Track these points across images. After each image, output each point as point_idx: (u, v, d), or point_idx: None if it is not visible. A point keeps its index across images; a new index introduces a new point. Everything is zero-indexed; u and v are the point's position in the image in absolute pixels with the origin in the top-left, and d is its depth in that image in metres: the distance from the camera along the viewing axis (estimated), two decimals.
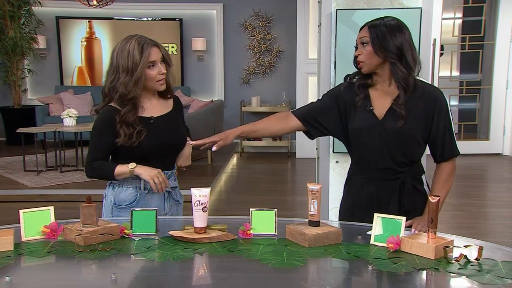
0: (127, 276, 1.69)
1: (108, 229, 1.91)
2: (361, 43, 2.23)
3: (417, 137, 2.25)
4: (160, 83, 2.34)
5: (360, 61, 2.23)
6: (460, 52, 8.94)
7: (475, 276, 1.67)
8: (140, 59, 2.25)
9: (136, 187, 2.41)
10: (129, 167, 2.30)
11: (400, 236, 1.91)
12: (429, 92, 2.24)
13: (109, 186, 2.47)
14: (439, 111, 2.23)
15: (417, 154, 2.30)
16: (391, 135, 2.23)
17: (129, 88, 2.27)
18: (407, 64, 2.19)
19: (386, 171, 2.28)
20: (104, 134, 2.33)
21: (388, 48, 2.16)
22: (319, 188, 2.01)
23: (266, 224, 2.06)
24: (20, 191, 5.93)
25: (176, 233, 1.99)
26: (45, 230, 1.91)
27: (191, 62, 9.14)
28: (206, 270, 1.80)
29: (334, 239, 1.98)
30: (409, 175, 2.28)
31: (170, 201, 2.51)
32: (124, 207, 2.40)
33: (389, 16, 2.27)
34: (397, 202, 2.28)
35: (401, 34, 2.19)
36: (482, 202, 5.89)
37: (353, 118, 2.31)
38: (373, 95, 2.29)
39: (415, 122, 2.22)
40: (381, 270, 1.72)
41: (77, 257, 1.78)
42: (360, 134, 2.30)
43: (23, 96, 9.20)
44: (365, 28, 2.23)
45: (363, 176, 2.36)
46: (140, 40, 2.30)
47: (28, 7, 8.75)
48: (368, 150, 2.29)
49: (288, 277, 1.68)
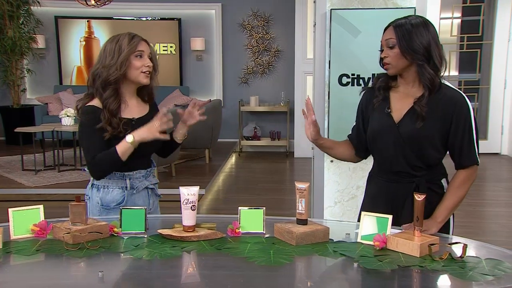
0: (114, 274, 1.71)
1: (97, 228, 1.93)
2: (387, 45, 2.18)
3: (434, 141, 2.18)
4: (145, 75, 2.35)
5: (387, 63, 2.19)
6: (459, 52, 8.95)
7: (458, 273, 1.69)
8: (127, 44, 2.30)
9: (122, 187, 2.42)
10: (128, 141, 2.28)
11: (387, 234, 1.92)
12: (450, 96, 2.16)
13: (91, 187, 2.45)
14: (458, 116, 2.14)
15: (434, 159, 2.22)
16: (406, 139, 2.19)
17: (111, 71, 2.30)
18: (434, 64, 2.13)
19: (401, 174, 2.25)
20: (95, 131, 2.32)
21: (415, 49, 2.11)
22: (306, 187, 2.03)
23: (254, 222, 2.08)
24: (17, 190, 5.95)
25: (165, 231, 2.00)
26: (34, 229, 1.92)
27: (189, 61, 9.16)
28: (192, 268, 1.81)
29: (321, 237, 1.99)
30: (425, 179, 2.22)
31: (153, 197, 2.57)
32: (112, 208, 2.40)
33: (413, 15, 2.23)
34: (411, 205, 2.25)
35: (427, 32, 2.13)
36: (479, 201, 5.89)
37: (371, 120, 2.31)
38: (393, 97, 2.26)
39: (432, 125, 2.16)
40: (366, 267, 1.74)
41: (65, 255, 1.79)
42: (376, 137, 2.28)
43: (22, 96, 9.23)
44: (390, 28, 2.17)
45: (380, 177, 2.34)
46: (131, 33, 2.37)
47: (27, 7, 8.78)
48: (384, 153, 2.27)
49: (273, 275, 1.70)
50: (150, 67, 2.36)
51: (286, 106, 8.57)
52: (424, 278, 1.71)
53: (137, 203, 2.42)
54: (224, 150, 8.33)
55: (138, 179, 2.46)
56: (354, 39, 3.61)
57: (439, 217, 2.16)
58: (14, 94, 8.99)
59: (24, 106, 9.05)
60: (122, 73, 2.32)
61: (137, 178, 2.45)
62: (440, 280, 1.70)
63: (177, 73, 9.12)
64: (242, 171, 7.74)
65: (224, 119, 8.75)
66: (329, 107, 3.69)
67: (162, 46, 9.11)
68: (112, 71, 2.30)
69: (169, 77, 9.09)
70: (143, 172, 2.47)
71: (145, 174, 2.49)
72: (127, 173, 2.41)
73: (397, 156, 2.23)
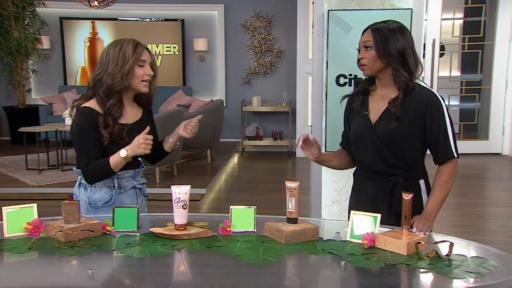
0: (104, 272, 1.74)
1: (89, 226, 1.96)
2: (364, 46, 2.26)
3: (411, 140, 2.26)
4: (145, 84, 2.40)
5: (363, 64, 2.28)
6: (461, 53, 8.95)
7: (443, 271, 1.72)
8: (132, 54, 2.33)
9: (109, 186, 2.46)
10: (122, 156, 2.32)
11: (375, 233, 1.95)
12: (422, 95, 2.25)
13: (79, 186, 2.49)
14: (431, 113, 2.23)
15: (411, 157, 2.30)
16: (382, 139, 2.27)
17: (116, 80, 2.32)
18: (409, 68, 2.22)
19: (380, 173, 2.33)
20: (91, 137, 2.35)
21: (391, 53, 2.20)
22: (296, 186, 2.07)
23: (245, 221, 2.11)
24: (21, 189, 6.01)
25: (156, 229, 2.04)
26: (28, 227, 1.96)
27: (192, 62, 9.20)
28: (181, 266, 1.85)
29: (311, 235, 2.02)
30: (402, 178, 2.29)
31: (141, 197, 2.60)
32: (100, 207, 2.44)
33: (391, 20, 2.30)
34: (388, 203, 2.31)
35: (403, 37, 2.22)
36: (479, 201, 5.90)
37: (352, 124, 2.41)
38: (370, 100, 2.35)
39: (406, 125, 2.24)
40: (353, 266, 1.77)
41: (57, 253, 1.83)
42: (356, 139, 2.38)
43: (27, 96, 9.29)
44: (368, 31, 2.27)
45: (361, 176, 2.44)
46: (134, 40, 2.40)
47: (32, 8, 8.85)
48: (363, 154, 2.36)
49: (261, 273, 1.73)
50: (150, 76, 2.40)
51: (288, 106, 8.60)
52: (409, 276, 1.74)
53: (124, 203, 2.47)
54: (226, 150, 8.37)
55: (126, 179, 2.49)
56: (351, 39, 3.62)
57: (432, 212, 2.22)
58: (19, 94, 9.06)
59: (29, 106, 9.12)
60: (128, 83, 2.35)
61: (124, 178, 2.48)
62: (424, 278, 1.73)
63: (180, 73, 9.17)
64: (244, 171, 7.76)
65: (227, 119, 8.78)
66: (327, 107, 3.72)
67: (165, 46, 9.16)
68: (117, 80, 2.32)
69: (172, 77, 9.14)
70: (130, 172, 2.50)
71: (132, 174, 2.52)
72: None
73: (375, 156, 2.31)
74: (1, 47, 8.70)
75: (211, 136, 7.45)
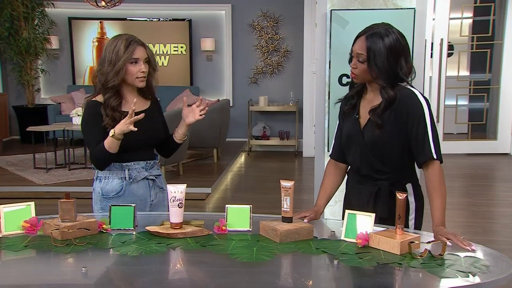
0: (98, 270, 1.76)
1: (85, 224, 1.99)
2: (357, 58, 2.22)
3: (396, 146, 2.24)
4: (139, 80, 2.47)
5: (355, 74, 2.26)
6: (470, 52, 8.90)
7: (435, 270, 1.72)
8: (124, 53, 2.41)
9: (121, 177, 2.53)
10: (110, 135, 2.38)
11: (369, 232, 1.96)
12: (404, 98, 2.21)
13: (96, 180, 2.59)
14: (412, 116, 2.20)
15: (397, 163, 2.28)
16: (369, 145, 2.27)
17: (108, 77, 2.43)
18: (401, 79, 2.21)
19: (367, 177, 2.34)
20: (95, 126, 2.46)
21: (383, 72, 2.17)
22: (291, 185, 2.08)
23: (241, 220, 2.12)
24: (28, 188, 6.07)
25: (152, 228, 2.06)
26: (25, 225, 1.98)
27: (200, 62, 9.23)
28: (175, 264, 1.87)
29: (305, 235, 2.03)
30: (388, 183, 2.28)
31: (156, 189, 2.63)
32: (111, 197, 2.52)
33: (387, 25, 2.23)
34: (373, 208, 2.29)
35: (399, 56, 2.17)
36: (485, 201, 5.86)
37: (344, 127, 2.41)
38: (362, 104, 2.34)
39: (390, 131, 2.22)
40: (346, 265, 1.77)
41: (53, 251, 1.85)
42: (347, 142, 2.37)
43: (36, 96, 9.38)
44: (362, 41, 2.20)
45: (352, 177, 2.44)
46: (129, 38, 2.46)
47: (41, 9, 8.93)
48: (353, 157, 2.36)
49: (254, 271, 1.74)
50: (144, 73, 2.47)
51: (295, 106, 8.60)
52: (400, 275, 1.74)
53: (136, 193, 2.54)
54: (233, 150, 8.38)
55: (137, 170, 2.55)
56: (348, 34, 3.61)
57: (440, 220, 2.12)
58: (28, 94, 9.14)
59: (38, 106, 9.20)
60: (119, 81, 2.45)
61: (135, 168, 2.54)
62: (416, 277, 1.74)
63: (187, 73, 9.20)
64: (250, 171, 7.78)
65: (234, 119, 8.80)
66: (329, 107, 3.72)
67: (172, 46, 9.20)
68: (110, 78, 2.43)
69: (179, 77, 9.17)
70: (142, 163, 2.56)
71: (144, 165, 2.57)
72: (125, 164, 2.52)
73: (362, 160, 2.31)
74: (11, 47, 8.79)
75: (217, 136, 7.47)
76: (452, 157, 8.07)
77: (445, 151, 8.39)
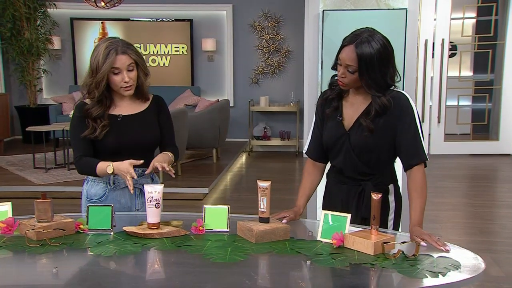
0: (70, 270, 1.76)
1: (61, 225, 1.99)
2: (346, 68, 2.14)
3: (383, 149, 2.23)
4: (124, 90, 2.39)
5: (343, 83, 2.19)
6: (473, 52, 8.84)
7: (406, 270, 1.71)
8: (102, 64, 2.31)
9: (106, 182, 2.48)
10: (109, 172, 2.34)
11: (344, 233, 1.95)
12: (392, 98, 2.18)
13: (84, 181, 2.56)
14: (400, 118, 2.18)
15: (382, 164, 2.28)
16: (355, 147, 2.24)
17: (90, 89, 2.37)
18: (387, 88, 2.18)
19: (350, 178, 2.31)
20: (79, 128, 2.41)
21: (376, 82, 2.13)
22: (268, 185, 2.08)
23: (219, 220, 2.12)
24: (26, 187, 6.10)
25: (129, 228, 2.06)
26: (1, 225, 1.99)
27: (201, 62, 9.24)
28: (146, 265, 1.86)
29: (281, 235, 2.03)
30: (372, 183, 2.27)
31: (143, 198, 2.53)
32: (94, 201, 2.47)
33: (375, 34, 2.15)
34: (355, 208, 2.29)
35: (388, 63, 2.14)
36: (484, 202, 5.82)
37: (325, 129, 2.36)
38: (344, 105, 2.30)
39: (379, 134, 2.20)
40: (318, 265, 1.77)
41: (27, 252, 1.85)
42: (330, 144, 2.32)
43: (38, 96, 9.43)
44: (352, 53, 2.11)
45: (333, 178, 2.41)
46: (110, 45, 2.34)
47: (43, 9, 8.97)
48: (336, 159, 2.33)
49: (225, 272, 1.73)
50: (128, 82, 2.37)
51: (296, 106, 8.59)
52: (372, 275, 1.74)
53: (119, 200, 2.48)
54: (233, 150, 8.38)
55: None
56: (340, 34, 3.61)
57: (418, 221, 2.11)
58: (30, 94, 9.19)
59: (40, 106, 9.25)
60: (100, 93, 2.36)
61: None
62: (386, 277, 1.73)
63: (189, 73, 9.21)
64: (251, 171, 7.77)
65: (235, 119, 8.80)
66: None
67: (174, 46, 9.21)
68: (91, 90, 2.37)
69: (180, 77, 9.20)
70: None
71: None
72: None
73: (346, 162, 2.29)
74: (13, 47, 8.85)
75: (216, 136, 7.47)
76: (455, 157, 8.04)
77: (448, 152, 8.36)
